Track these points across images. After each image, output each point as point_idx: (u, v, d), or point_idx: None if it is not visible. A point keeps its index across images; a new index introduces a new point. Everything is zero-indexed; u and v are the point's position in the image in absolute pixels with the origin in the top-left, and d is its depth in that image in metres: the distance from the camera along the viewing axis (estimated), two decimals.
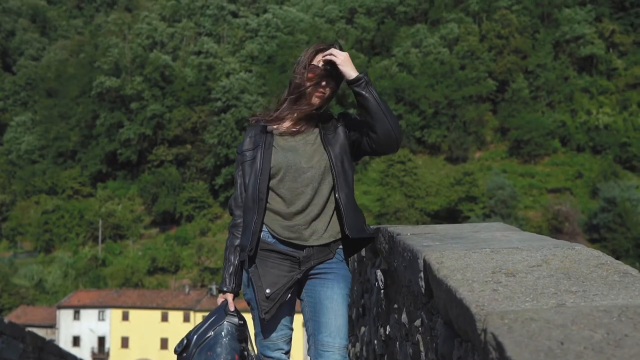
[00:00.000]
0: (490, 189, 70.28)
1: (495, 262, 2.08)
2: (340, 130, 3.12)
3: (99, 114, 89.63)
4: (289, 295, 2.99)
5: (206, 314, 3.45)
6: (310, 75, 3.10)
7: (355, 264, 4.97)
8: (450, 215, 69.83)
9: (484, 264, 2.07)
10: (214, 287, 63.37)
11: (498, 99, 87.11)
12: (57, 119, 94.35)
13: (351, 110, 3.41)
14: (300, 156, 3.02)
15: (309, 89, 3.09)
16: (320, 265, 2.99)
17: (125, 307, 55.13)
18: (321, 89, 3.10)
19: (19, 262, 74.44)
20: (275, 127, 3.13)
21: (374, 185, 77.44)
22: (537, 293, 1.76)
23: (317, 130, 3.10)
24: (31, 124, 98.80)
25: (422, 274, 2.34)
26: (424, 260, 2.29)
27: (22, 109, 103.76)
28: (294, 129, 3.11)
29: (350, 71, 3.05)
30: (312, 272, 3.00)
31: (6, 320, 8.85)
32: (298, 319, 3.66)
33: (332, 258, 3.01)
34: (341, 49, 3.14)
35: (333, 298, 2.95)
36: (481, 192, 70.57)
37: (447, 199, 71.78)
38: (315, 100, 3.09)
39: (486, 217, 66.54)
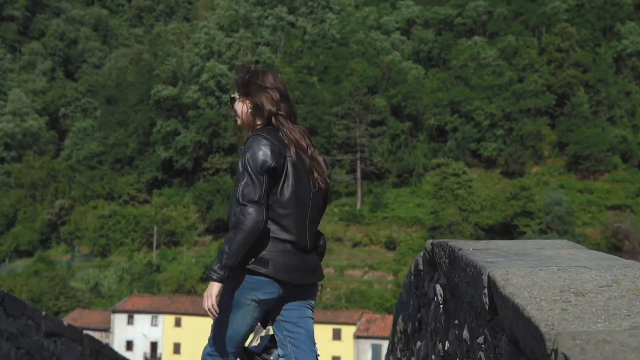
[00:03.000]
0: (547, 204, 69.09)
1: (563, 281, 2.04)
2: None
3: (156, 122, 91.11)
4: None
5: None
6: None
7: (412, 277, 4.93)
8: (506, 230, 68.88)
9: (552, 282, 2.03)
10: None
11: (557, 113, 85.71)
12: (116, 126, 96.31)
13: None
14: None
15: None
16: None
17: (178, 313, 55.75)
18: None
19: (76, 266, 76.06)
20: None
21: (428, 198, 76.88)
22: (610, 314, 1.71)
23: None
24: (91, 131, 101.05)
25: (486, 291, 2.31)
26: (489, 277, 2.26)
27: (83, 116, 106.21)
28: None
29: None
30: None
31: (65, 323, 9.03)
32: None
33: None
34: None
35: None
36: (538, 207, 69.40)
37: (503, 213, 70.81)
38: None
39: (542, 233, 65.43)
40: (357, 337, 52.03)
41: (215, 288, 3.18)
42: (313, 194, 3.40)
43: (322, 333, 53.60)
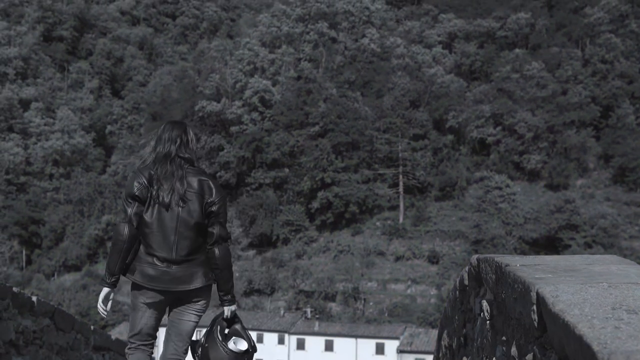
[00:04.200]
0: (592, 217, 67.95)
1: (614, 298, 2.01)
2: None
3: (200, 138, 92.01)
4: None
5: (300, 337, 3.94)
6: None
7: (457, 292, 4.91)
8: (550, 243, 67.92)
9: (603, 299, 2.00)
10: (308, 310, 63.67)
11: (602, 125, 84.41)
12: None
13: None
14: None
15: None
16: None
17: None
18: None
19: (121, 280, 76.87)
20: None
21: (471, 211, 76.21)
22: None
23: None
24: (136, 147, 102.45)
25: (534, 307, 2.30)
26: (537, 293, 2.25)
27: (129, 132, 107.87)
28: None
29: None
30: None
31: (112, 336, 9.17)
32: None
33: None
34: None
35: None
36: (583, 220, 68.27)
37: (547, 226, 69.83)
38: None
39: (587, 246, 64.37)
40: (400, 351, 51.68)
41: (102, 292, 4.39)
42: (180, 217, 4.28)
43: (365, 347, 53.39)
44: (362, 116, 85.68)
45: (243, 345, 4.54)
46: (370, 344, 52.72)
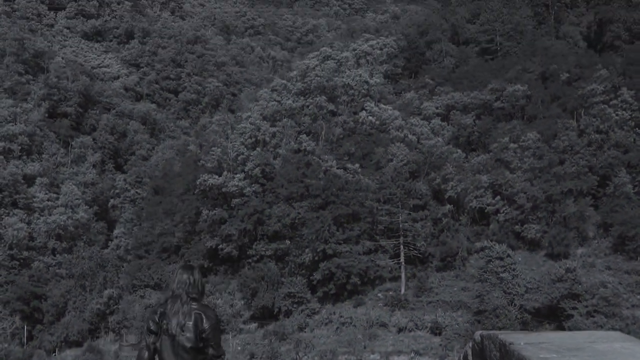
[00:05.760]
0: (594, 286, 68.18)
1: None
2: None
3: (201, 211, 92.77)
4: None
5: None
6: None
7: None
8: (552, 313, 67.94)
9: None
10: None
11: (599, 194, 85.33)
12: (163, 216, 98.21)
13: None
14: None
15: None
16: None
17: None
18: None
19: (124, 355, 76.55)
20: None
21: (472, 281, 76.40)
22: None
23: None
24: (138, 220, 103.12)
25: None
26: None
27: (131, 206, 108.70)
28: None
29: None
30: None
31: None
32: None
33: None
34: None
35: None
36: (584, 289, 68.44)
37: (549, 296, 69.91)
38: None
39: (590, 315, 64.42)
40: None
41: None
42: (180, 343, 6.09)
43: None
44: (363, 188, 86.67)
45: None
46: None
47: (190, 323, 6.05)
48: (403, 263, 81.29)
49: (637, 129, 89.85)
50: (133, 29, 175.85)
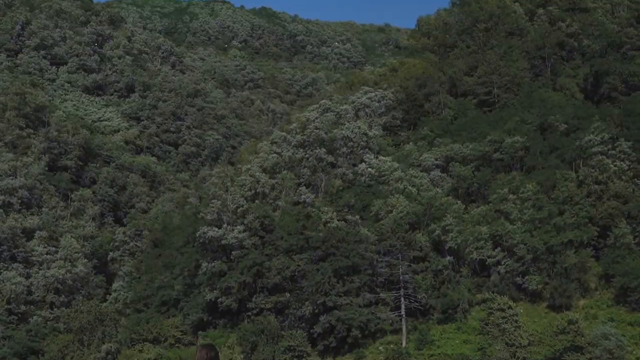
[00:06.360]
0: (596, 338, 67.59)
1: None
2: None
3: (201, 263, 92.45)
4: None
5: None
6: None
7: None
8: None
9: None
10: None
11: (600, 245, 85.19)
12: (162, 269, 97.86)
13: None
14: None
15: None
16: None
17: None
18: None
19: None
20: None
21: (474, 333, 75.81)
22: None
23: None
24: (137, 274, 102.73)
25: None
26: None
27: (130, 259, 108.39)
28: None
29: None
30: None
31: None
32: None
33: None
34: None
35: None
36: (587, 341, 67.85)
37: (551, 348, 69.34)
38: None
39: None
40: None
41: None
42: None
43: None
44: (362, 239, 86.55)
45: None
46: None
47: None
48: (404, 315, 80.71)
49: (635, 179, 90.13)
50: (134, 82, 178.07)
